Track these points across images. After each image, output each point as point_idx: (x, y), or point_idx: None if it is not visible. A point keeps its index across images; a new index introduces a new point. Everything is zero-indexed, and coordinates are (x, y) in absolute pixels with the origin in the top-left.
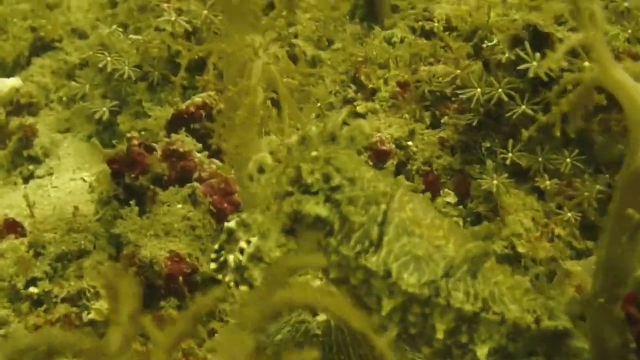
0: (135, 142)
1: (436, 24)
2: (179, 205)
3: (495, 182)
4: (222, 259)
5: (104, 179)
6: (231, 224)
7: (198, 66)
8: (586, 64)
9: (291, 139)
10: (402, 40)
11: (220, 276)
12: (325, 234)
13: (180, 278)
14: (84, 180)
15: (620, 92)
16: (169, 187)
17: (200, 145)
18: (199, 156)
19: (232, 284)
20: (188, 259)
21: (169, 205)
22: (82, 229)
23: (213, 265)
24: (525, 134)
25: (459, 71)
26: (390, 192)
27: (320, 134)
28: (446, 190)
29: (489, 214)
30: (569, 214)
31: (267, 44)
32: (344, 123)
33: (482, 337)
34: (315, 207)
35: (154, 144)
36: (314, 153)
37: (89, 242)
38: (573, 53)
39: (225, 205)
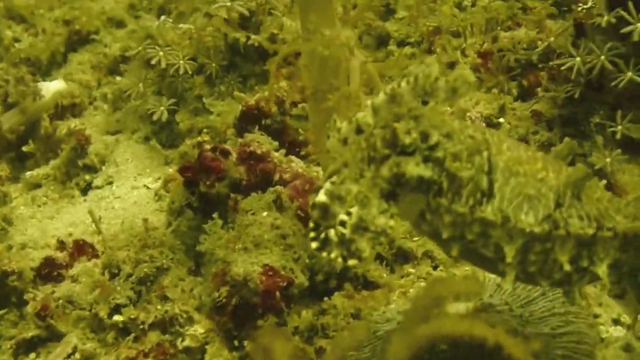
0: (207, 146)
1: None
2: (265, 213)
3: (608, 159)
4: (322, 235)
5: (176, 189)
6: (322, 198)
7: (259, 53)
8: None
9: (378, 98)
10: (474, 4)
11: (325, 254)
12: (434, 194)
13: (277, 293)
14: (148, 188)
15: None
16: (249, 193)
17: (276, 143)
18: (276, 156)
19: (339, 259)
20: (283, 272)
21: (253, 214)
22: (157, 244)
23: (315, 244)
24: None
25: (552, 39)
26: (486, 138)
27: (413, 89)
28: None
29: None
30: None
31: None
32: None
33: (600, 255)
34: (417, 168)
35: (227, 147)
36: (397, 109)
37: (167, 259)
38: None
39: None
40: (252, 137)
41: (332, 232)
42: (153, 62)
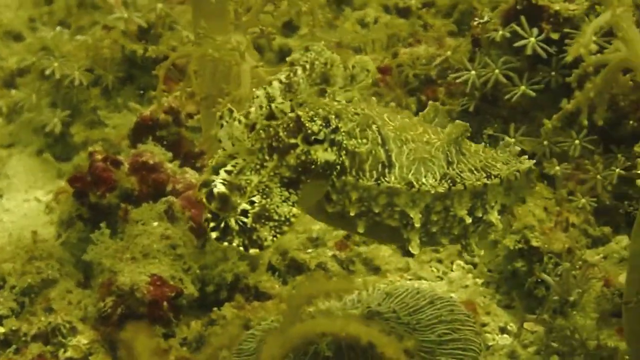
0: (99, 156)
1: (413, 1)
2: (155, 223)
3: None
4: (222, 225)
5: (65, 200)
6: (221, 188)
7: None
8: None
9: (272, 87)
10: (376, 21)
11: (225, 243)
12: (338, 175)
13: (165, 303)
14: (39, 200)
15: None
16: (141, 203)
17: (170, 154)
18: (170, 167)
19: (240, 248)
20: (171, 282)
21: (143, 224)
22: (45, 256)
23: (215, 234)
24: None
25: (449, 53)
26: (369, 113)
27: (309, 77)
28: None
29: None
30: (583, 200)
31: (250, 43)
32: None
33: (491, 203)
34: (325, 154)
35: (119, 158)
36: (282, 100)
37: (54, 270)
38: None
39: None
40: (145, 148)
41: (232, 220)
42: (47, 72)
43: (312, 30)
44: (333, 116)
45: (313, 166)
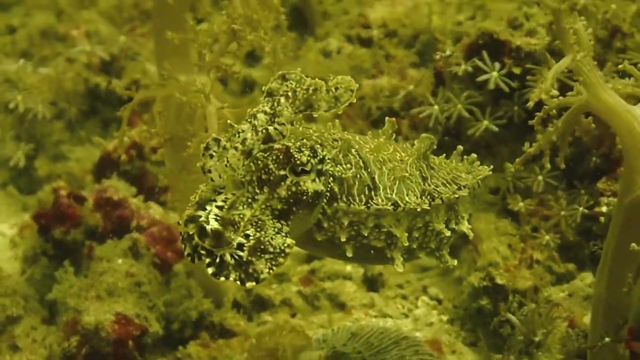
0: (63, 192)
1: (374, 31)
2: (120, 260)
3: None
4: (218, 259)
5: (29, 236)
6: (214, 224)
7: (120, 98)
8: None
9: (258, 119)
10: (339, 51)
11: (222, 278)
12: (327, 202)
13: (130, 342)
14: (4, 235)
15: (613, 117)
16: (105, 239)
17: (134, 189)
18: (134, 202)
19: (237, 282)
20: (136, 320)
21: (108, 261)
22: (9, 292)
23: (211, 270)
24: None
25: (411, 87)
26: (346, 137)
27: (293, 103)
28: None
29: (458, 241)
30: (547, 237)
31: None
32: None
33: (462, 214)
34: (314, 184)
35: (83, 193)
36: (283, 121)
37: (19, 307)
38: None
39: (170, 254)
40: (109, 184)
41: (227, 255)
42: (11, 106)
43: (273, 68)
44: (318, 145)
45: (304, 197)
